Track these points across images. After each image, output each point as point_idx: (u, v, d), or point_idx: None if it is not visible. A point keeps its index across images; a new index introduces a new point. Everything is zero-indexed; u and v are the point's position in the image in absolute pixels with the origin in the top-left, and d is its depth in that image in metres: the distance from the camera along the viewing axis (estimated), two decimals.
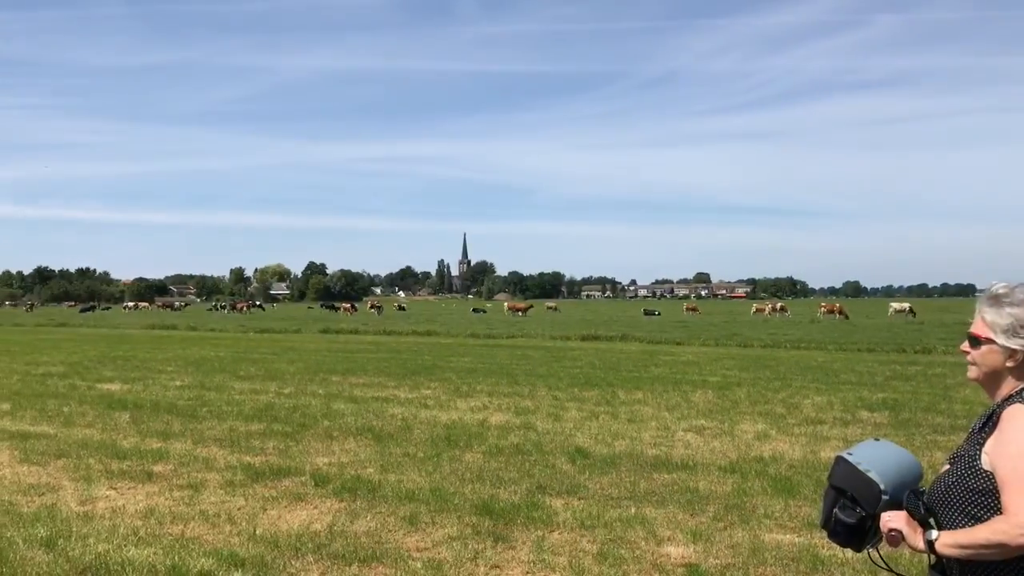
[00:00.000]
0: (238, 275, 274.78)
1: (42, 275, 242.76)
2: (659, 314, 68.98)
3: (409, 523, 7.09)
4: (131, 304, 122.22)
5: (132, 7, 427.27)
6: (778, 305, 72.57)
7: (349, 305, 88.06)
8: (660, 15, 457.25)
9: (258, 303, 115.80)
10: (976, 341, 2.56)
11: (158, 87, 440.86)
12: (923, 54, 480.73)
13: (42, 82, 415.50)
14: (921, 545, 2.43)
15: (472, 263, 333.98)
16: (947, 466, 2.58)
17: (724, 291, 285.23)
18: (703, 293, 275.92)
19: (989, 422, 2.51)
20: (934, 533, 2.43)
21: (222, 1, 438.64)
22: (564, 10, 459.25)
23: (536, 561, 6.16)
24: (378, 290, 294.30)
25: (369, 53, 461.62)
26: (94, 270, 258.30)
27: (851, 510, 2.53)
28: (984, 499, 2.41)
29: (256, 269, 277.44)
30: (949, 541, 2.39)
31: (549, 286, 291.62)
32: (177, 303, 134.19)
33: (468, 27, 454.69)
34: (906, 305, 63.11)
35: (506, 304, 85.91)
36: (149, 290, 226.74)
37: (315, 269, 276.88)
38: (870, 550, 2.62)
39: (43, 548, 6.45)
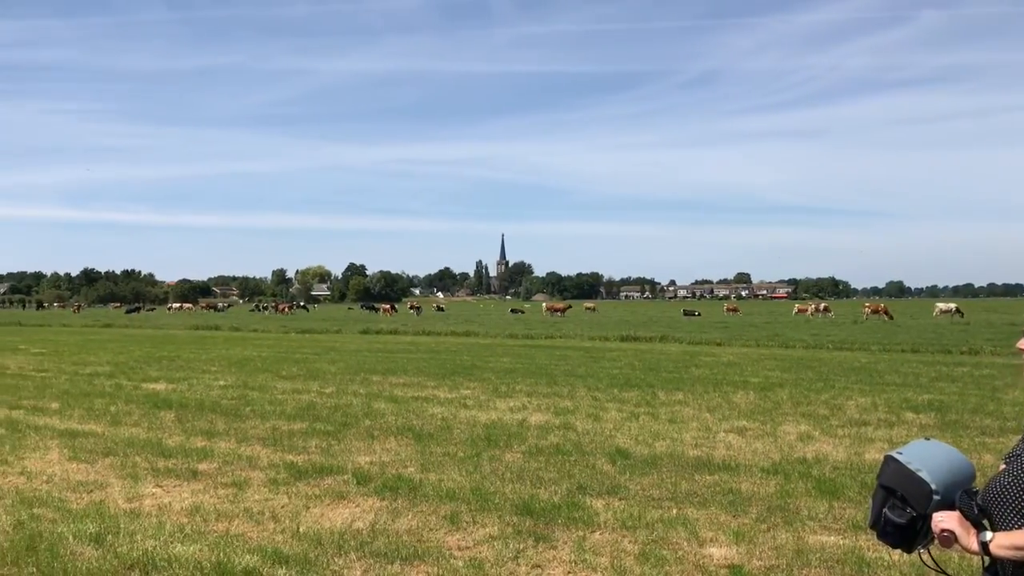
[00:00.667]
0: (280, 276, 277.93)
1: (89, 277, 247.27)
2: (699, 315, 68.50)
3: (450, 522, 7.11)
4: (175, 305, 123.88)
5: (175, 13, 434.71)
6: (821, 306, 71.43)
7: (389, 306, 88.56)
8: (698, 14, 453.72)
9: (302, 304, 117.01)
10: None
11: (201, 91, 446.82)
12: (968, 50, 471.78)
13: (88, 87, 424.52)
14: (975, 546, 2.38)
15: (510, 264, 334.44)
16: (1002, 466, 2.53)
17: (765, 291, 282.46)
18: (743, 293, 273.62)
19: None
20: (988, 534, 2.38)
21: (262, 6, 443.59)
22: (601, 10, 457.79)
23: (577, 561, 6.15)
24: (417, 291, 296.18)
25: (407, 56, 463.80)
26: (139, 272, 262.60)
27: (901, 510, 2.49)
28: None
29: (297, 270, 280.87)
30: (1004, 543, 2.34)
31: (587, 287, 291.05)
32: (220, 304, 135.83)
33: (505, 28, 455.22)
34: (952, 305, 61.88)
35: (544, 305, 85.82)
36: (193, 291, 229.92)
37: (355, 270, 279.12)
38: (921, 551, 2.57)
39: (92, 544, 6.57)
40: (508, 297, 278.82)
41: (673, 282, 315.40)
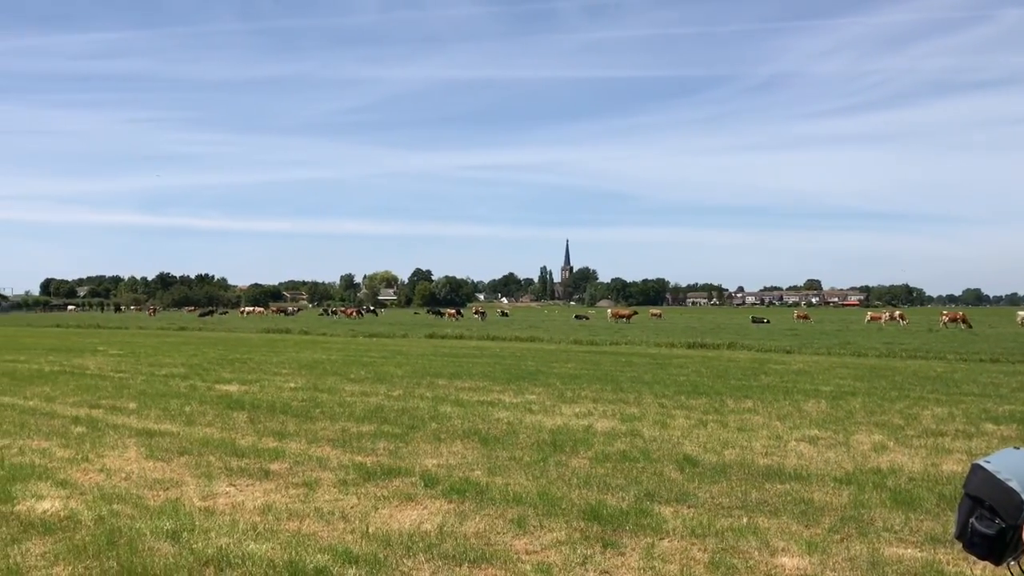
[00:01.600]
0: (348, 281, 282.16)
1: (164, 281, 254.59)
2: (768, 322, 67.53)
3: (517, 526, 7.11)
4: (247, 309, 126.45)
5: (247, 23, 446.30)
6: (896, 313, 69.57)
7: (454, 311, 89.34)
8: (768, 17, 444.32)
9: (371, 308, 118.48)
10: None
11: (272, 99, 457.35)
12: None
13: (164, 96, 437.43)
14: None
15: (574, 269, 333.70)
16: None
17: (836, 299, 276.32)
18: (814, 300, 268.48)
19: None
20: None
21: (332, 16, 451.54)
22: (669, 14, 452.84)
23: (646, 568, 6.09)
24: (481, 296, 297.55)
25: (473, 63, 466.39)
26: (213, 276, 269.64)
27: (990, 521, 2.40)
28: None
29: (365, 275, 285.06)
30: None
31: (653, 293, 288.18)
32: (290, 308, 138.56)
33: (571, 34, 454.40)
34: None
35: (609, 311, 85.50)
36: (264, 296, 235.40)
37: (421, 275, 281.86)
38: (1011, 564, 2.48)
39: (169, 540, 6.74)
40: (572, 303, 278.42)
41: (741, 288, 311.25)
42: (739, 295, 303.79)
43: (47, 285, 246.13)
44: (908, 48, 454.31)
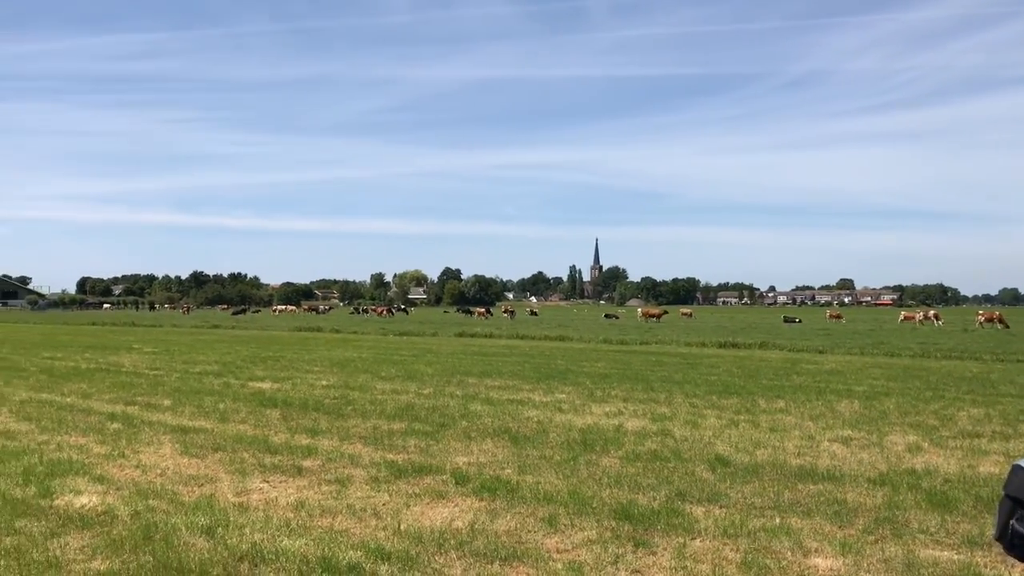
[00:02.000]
0: (378, 280, 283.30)
1: (198, 279, 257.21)
2: (800, 321, 66.98)
3: (548, 524, 7.12)
4: (279, 307, 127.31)
5: (278, 24, 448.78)
6: (931, 313, 68.59)
7: (483, 310, 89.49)
8: (799, 14, 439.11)
9: (402, 307, 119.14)
10: None
11: (304, 99, 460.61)
12: None
13: (198, 97, 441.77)
14: None
15: (604, 268, 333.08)
16: None
17: (869, 298, 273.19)
18: (846, 300, 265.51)
19: None
20: None
21: (362, 16, 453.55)
22: (700, 12, 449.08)
23: (678, 568, 6.08)
24: (510, 295, 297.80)
25: (503, 62, 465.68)
26: (245, 275, 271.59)
27: None
28: None
29: (395, 274, 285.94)
30: None
31: (683, 292, 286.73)
32: (322, 307, 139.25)
33: (602, 33, 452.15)
34: None
35: (640, 310, 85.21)
36: (296, 294, 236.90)
37: (451, 274, 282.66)
38: None
39: (204, 535, 6.82)
40: (602, 302, 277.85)
41: (773, 288, 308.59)
42: (771, 294, 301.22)
43: (83, 284, 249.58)
44: (941, 45, 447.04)
